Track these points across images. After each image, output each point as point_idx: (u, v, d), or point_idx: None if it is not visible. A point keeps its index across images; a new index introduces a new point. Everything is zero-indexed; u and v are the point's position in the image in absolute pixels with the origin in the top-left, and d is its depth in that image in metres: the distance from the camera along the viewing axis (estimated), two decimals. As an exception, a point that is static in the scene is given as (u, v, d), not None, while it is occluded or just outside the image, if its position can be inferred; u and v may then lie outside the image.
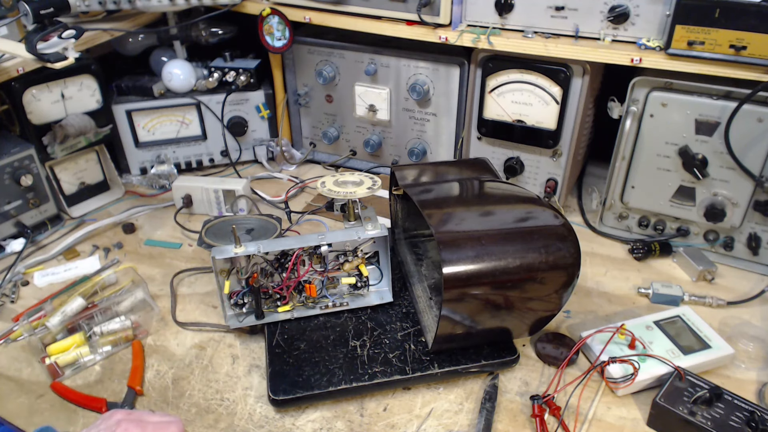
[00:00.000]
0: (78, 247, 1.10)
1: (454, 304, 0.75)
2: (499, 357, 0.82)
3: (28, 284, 1.02)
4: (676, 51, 0.91)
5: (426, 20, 1.06)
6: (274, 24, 1.19)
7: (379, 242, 0.90)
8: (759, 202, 0.98)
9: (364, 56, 1.21)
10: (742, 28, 0.85)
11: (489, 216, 0.83)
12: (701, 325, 0.87)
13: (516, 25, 1.04)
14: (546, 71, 1.04)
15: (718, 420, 0.72)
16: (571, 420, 0.76)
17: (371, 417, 0.78)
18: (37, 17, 0.96)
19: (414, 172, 0.95)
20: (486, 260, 0.74)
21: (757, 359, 0.85)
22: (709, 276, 1.00)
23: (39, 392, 0.81)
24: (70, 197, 1.19)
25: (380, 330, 0.87)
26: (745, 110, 0.90)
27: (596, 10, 0.97)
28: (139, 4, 1.15)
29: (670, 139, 0.99)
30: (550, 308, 0.80)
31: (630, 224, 1.12)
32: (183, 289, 1.00)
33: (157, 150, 1.30)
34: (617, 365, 0.80)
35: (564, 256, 0.76)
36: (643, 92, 0.99)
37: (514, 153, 1.16)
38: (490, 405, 0.78)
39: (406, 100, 1.22)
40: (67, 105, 1.12)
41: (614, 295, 0.99)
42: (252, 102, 1.31)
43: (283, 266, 0.87)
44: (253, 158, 1.37)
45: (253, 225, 1.03)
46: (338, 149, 1.36)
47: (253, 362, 0.86)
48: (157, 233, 1.15)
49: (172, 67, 1.24)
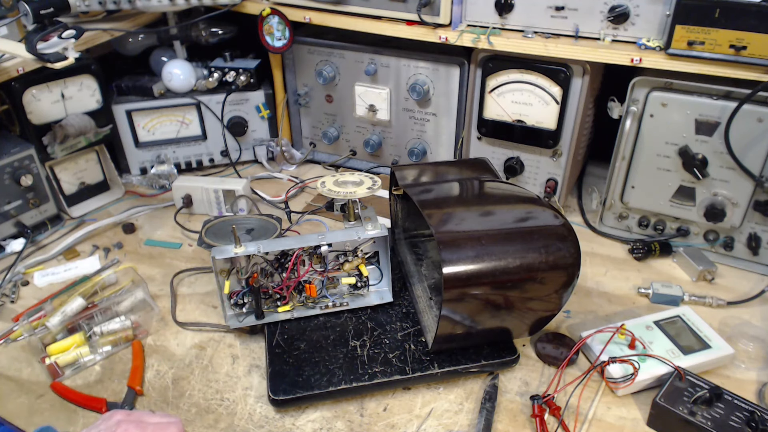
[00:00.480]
0: (78, 247, 1.10)
1: (454, 304, 0.75)
2: (499, 357, 0.82)
3: (28, 284, 1.02)
4: (676, 51, 0.91)
5: (426, 20, 1.06)
6: (274, 24, 1.19)
7: (379, 242, 0.90)
8: (759, 202, 0.98)
9: (364, 56, 1.21)
10: (742, 28, 0.85)
11: (489, 216, 0.83)
12: (701, 325, 0.87)
13: (516, 25, 1.04)
14: (546, 71, 1.04)
15: (718, 420, 0.72)
16: (571, 420, 0.76)
17: (371, 417, 0.78)
18: (37, 17, 0.96)
19: (414, 172, 0.95)
20: (486, 260, 0.74)
21: (757, 359, 0.85)
22: (709, 276, 1.00)
23: (39, 392, 0.81)
24: (70, 197, 1.19)
25: (380, 330, 0.87)
26: (745, 110, 0.90)
27: (596, 10, 0.97)
28: (139, 4, 1.15)
29: (670, 139, 0.99)
30: (550, 308, 0.80)
31: (630, 224, 1.12)
32: (183, 289, 1.00)
33: (157, 150, 1.30)
34: (617, 365, 0.80)
35: (564, 256, 0.76)
36: (643, 92, 0.99)
37: (514, 153, 1.16)
38: (490, 405, 0.78)
39: (406, 100, 1.22)
40: (67, 105, 1.12)
41: (614, 295, 0.99)
42: (252, 102, 1.31)
43: (283, 266, 0.87)
44: (253, 158, 1.37)
45: (253, 225, 1.03)
46: (338, 149, 1.36)
47: (253, 362, 0.86)
48: (157, 233, 1.15)
49: (172, 67, 1.24)
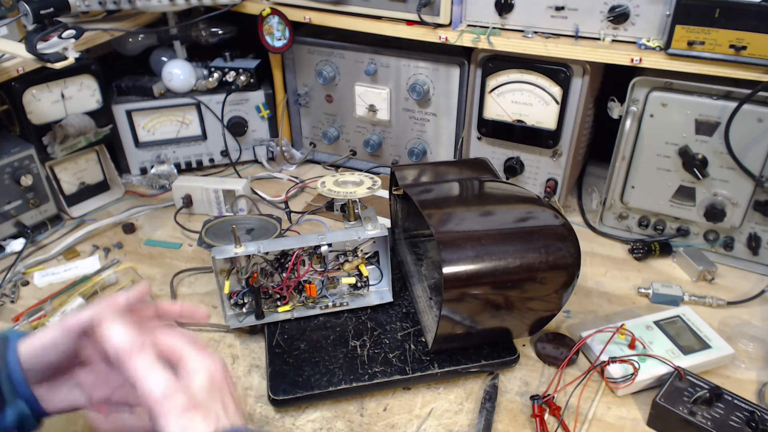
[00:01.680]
0: (78, 247, 1.10)
1: (454, 304, 0.75)
2: (499, 357, 0.82)
3: (28, 284, 1.02)
4: (676, 51, 0.91)
5: (426, 20, 1.06)
6: (274, 24, 1.19)
7: (379, 242, 0.90)
8: (759, 202, 0.98)
9: (364, 56, 1.21)
10: (742, 28, 0.85)
11: (489, 216, 0.83)
12: (701, 325, 0.87)
13: (516, 25, 1.04)
14: (546, 71, 1.04)
15: (718, 420, 0.72)
16: (571, 420, 0.76)
17: (371, 417, 0.78)
18: (37, 17, 0.96)
19: (414, 172, 0.95)
20: (486, 260, 0.74)
21: (757, 359, 0.85)
22: (709, 276, 1.00)
23: (39, 392, 0.81)
24: (70, 197, 1.19)
25: (380, 330, 0.87)
26: (745, 110, 0.90)
27: (596, 10, 0.97)
28: (139, 4, 1.15)
29: (670, 139, 0.99)
30: (550, 308, 0.80)
31: (630, 224, 1.12)
32: (183, 289, 1.01)
33: (157, 150, 1.30)
34: (617, 365, 0.80)
35: (564, 256, 0.76)
36: (643, 92, 0.99)
37: (514, 153, 1.16)
38: (490, 405, 0.78)
39: (406, 100, 1.22)
40: (67, 105, 1.12)
41: (614, 295, 0.99)
42: (252, 102, 1.31)
43: (283, 266, 0.87)
44: (253, 158, 1.37)
45: (253, 225, 1.03)
46: (338, 149, 1.36)
47: (253, 362, 0.86)
48: (157, 233, 1.15)
49: (172, 67, 1.24)
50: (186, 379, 0.52)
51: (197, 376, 0.52)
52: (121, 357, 0.51)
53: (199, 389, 0.51)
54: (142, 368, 0.50)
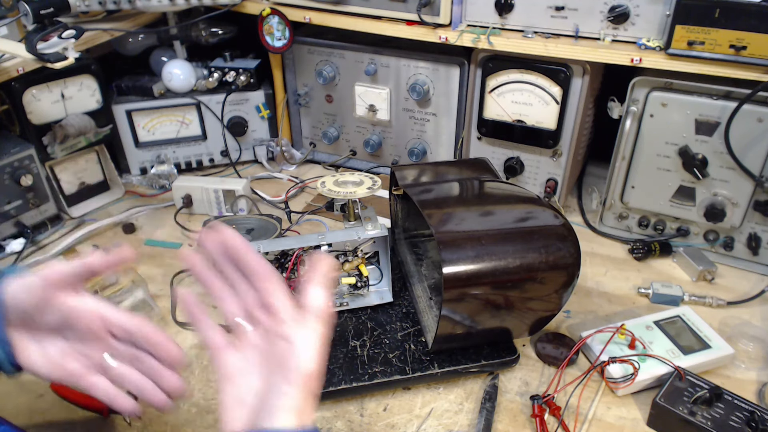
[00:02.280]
0: (78, 247, 1.10)
1: (454, 304, 0.75)
2: (499, 357, 0.82)
3: (28, 284, 1.02)
4: (676, 51, 0.91)
5: (426, 20, 1.06)
6: (274, 24, 1.19)
7: (379, 242, 0.90)
8: (759, 202, 0.98)
9: (364, 56, 1.21)
10: (742, 28, 0.85)
11: (489, 216, 0.83)
12: (701, 325, 0.87)
13: (516, 25, 1.04)
14: (546, 71, 1.04)
15: (718, 420, 0.72)
16: (571, 420, 0.76)
17: (371, 417, 0.78)
18: (37, 17, 0.96)
19: (414, 172, 0.95)
20: (486, 260, 0.74)
21: (757, 359, 0.85)
22: (709, 276, 1.00)
23: (39, 392, 0.81)
24: (70, 197, 1.19)
25: (380, 330, 0.87)
26: (745, 110, 0.90)
27: (596, 10, 0.97)
28: (139, 4, 1.15)
29: (670, 139, 0.99)
30: (550, 308, 0.80)
31: (630, 224, 1.12)
32: (183, 289, 1.00)
33: (157, 150, 1.30)
34: (617, 365, 0.80)
35: (564, 256, 0.76)
36: (643, 92, 0.99)
37: (514, 153, 1.16)
38: (490, 405, 0.78)
39: (406, 100, 1.22)
40: (67, 105, 1.12)
41: (614, 295, 0.99)
42: (252, 102, 1.31)
43: (283, 266, 0.87)
44: (253, 158, 1.37)
45: (253, 225, 1.03)
46: (338, 149, 1.36)
47: (253, 362, 0.86)
48: (157, 233, 1.15)
49: (172, 67, 1.24)
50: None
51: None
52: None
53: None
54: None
